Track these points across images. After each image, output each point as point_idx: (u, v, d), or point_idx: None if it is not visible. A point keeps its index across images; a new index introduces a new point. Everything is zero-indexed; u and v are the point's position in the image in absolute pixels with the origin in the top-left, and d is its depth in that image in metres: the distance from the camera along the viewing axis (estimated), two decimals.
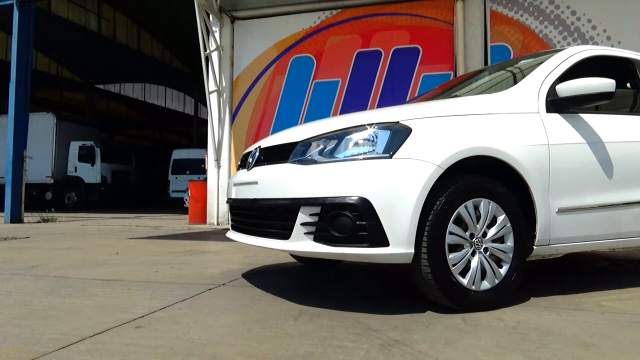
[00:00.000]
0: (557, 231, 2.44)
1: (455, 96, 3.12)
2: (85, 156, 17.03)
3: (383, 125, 2.22)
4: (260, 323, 2.05)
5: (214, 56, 8.60)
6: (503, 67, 3.39)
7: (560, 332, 1.92)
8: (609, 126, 2.69)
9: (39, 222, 9.24)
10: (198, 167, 16.16)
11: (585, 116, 2.62)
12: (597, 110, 2.69)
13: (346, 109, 7.95)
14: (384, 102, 7.80)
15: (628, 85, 3.04)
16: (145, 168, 20.41)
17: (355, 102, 7.93)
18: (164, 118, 30.17)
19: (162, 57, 23.13)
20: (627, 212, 2.70)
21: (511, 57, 7.24)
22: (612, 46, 6.77)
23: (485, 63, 7.40)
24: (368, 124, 2.25)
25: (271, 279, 3.19)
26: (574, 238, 2.53)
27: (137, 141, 29.35)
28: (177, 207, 15.24)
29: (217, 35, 8.61)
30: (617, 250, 3.10)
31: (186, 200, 11.44)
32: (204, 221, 8.72)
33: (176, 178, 17.75)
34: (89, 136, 17.74)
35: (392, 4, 7.97)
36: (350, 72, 8.12)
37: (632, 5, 6.97)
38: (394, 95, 7.68)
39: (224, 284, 2.92)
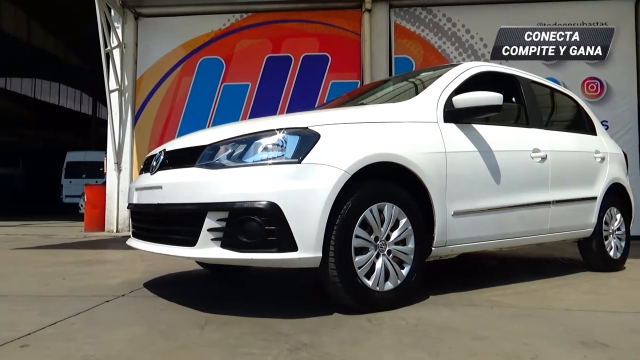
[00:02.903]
0: (452, 233, 2.61)
1: (362, 104, 3.24)
2: None
3: (292, 131, 2.24)
4: (165, 334, 1.96)
5: (116, 53, 8.11)
6: (406, 78, 3.58)
7: (456, 327, 2.06)
8: (498, 136, 2.94)
9: None
10: (96, 171, 15.11)
11: (478, 127, 2.85)
12: (487, 121, 2.93)
13: (256, 113, 7.90)
14: (293, 108, 7.86)
15: (513, 99, 3.36)
16: (35, 171, 18.70)
17: (264, 106, 7.91)
18: (57, 117, 27.76)
19: (55, 51, 21.31)
20: (513, 214, 2.98)
21: (413, 69, 7.68)
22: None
23: (390, 73, 7.78)
24: (277, 129, 2.25)
25: (175, 287, 3.07)
26: (468, 239, 2.74)
27: (25, 142, 26.71)
28: (71, 213, 14.11)
29: (119, 31, 8.13)
30: (504, 250, 3.40)
31: (82, 205, 10.65)
32: (102, 228, 8.17)
33: (70, 182, 16.51)
34: None
35: (303, 12, 8.09)
36: (260, 77, 8.09)
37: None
38: (304, 101, 7.77)
39: (124, 295, 2.76)
